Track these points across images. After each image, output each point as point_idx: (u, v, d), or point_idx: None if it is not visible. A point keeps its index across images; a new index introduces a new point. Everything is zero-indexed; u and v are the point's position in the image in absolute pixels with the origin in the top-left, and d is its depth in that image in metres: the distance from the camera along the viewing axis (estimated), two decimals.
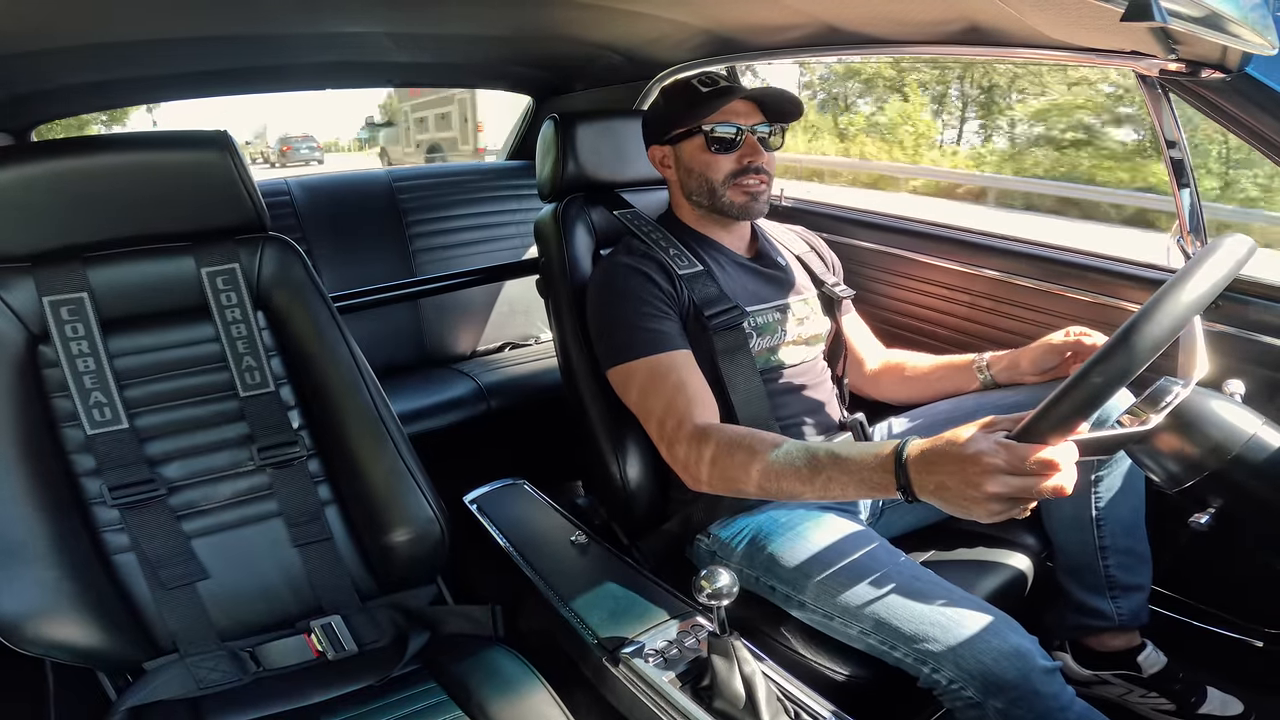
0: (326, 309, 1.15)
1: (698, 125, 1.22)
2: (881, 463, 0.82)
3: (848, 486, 0.87)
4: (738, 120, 1.22)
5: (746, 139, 1.22)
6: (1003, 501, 0.73)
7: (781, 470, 0.92)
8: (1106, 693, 1.29)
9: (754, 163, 1.22)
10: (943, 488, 0.76)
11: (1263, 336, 1.22)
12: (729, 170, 1.23)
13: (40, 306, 0.99)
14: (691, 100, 1.23)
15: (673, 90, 1.30)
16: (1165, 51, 0.99)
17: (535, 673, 0.97)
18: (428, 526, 1.11)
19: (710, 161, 1.23)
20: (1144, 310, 0.70)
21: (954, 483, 0.75)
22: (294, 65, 1.82)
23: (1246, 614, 1.35)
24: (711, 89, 1.23)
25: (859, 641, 1.01)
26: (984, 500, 0.73)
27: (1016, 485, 0.72)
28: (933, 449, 0.78)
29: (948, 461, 0.76)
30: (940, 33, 1.27)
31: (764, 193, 1.25)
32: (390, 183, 2.23)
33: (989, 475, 0.72)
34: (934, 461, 0.77)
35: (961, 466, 0.74)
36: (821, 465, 0.89)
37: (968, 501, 0.75)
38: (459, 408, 1.89)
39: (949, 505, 0.77)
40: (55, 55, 1.34)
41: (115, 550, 1.01)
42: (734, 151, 1.22)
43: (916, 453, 0.80)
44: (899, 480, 0.81)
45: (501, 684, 0.95)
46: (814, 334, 1.32)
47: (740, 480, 0.98)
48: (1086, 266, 1.45)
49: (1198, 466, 0.78)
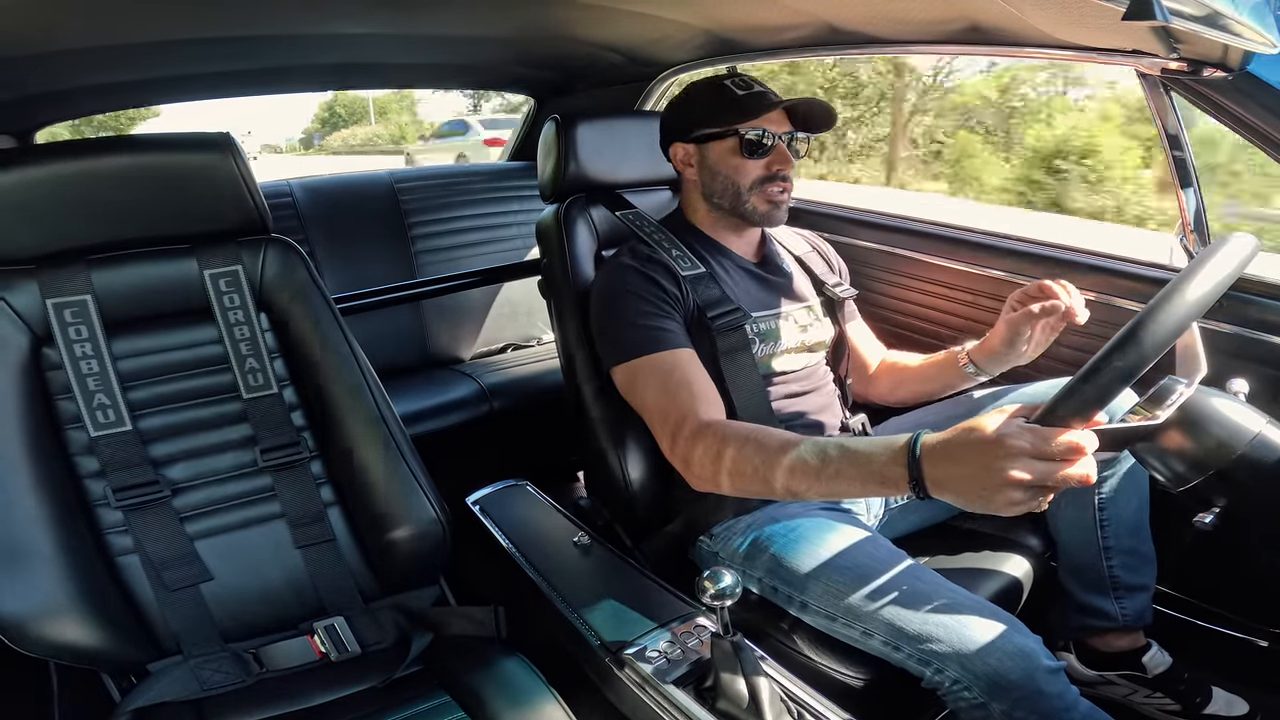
0: (329, 310, 1.15)
1: (733, 128, 1.20)
2: (894, 456, 0.78)
3: (855, 481, 0.83)
4: (771, 127, 1.20)
5: (778, 146, 1.21)
6: (1024, 489, 0.68)
7: (789, 465, 0.88)
8: (1111, 693, 1.29)
9: (783, 170, 1.21)
10: (959, 478, 0.72)
11: (1267, 335, 1.22)
12: (757, 176, 1.21)
13: (44, 309, 1.00)
14: (726, 102, 1.21)
15: (703, 89, 1.28)
16: (1167, 50, 0.99)
17: (538, 674, 0.97)
18: (430, 527, 1.11)
19: (740, 165, 1.21)
20: (1166, 292, 0.70)
21: (973, 470, 0.71)
22: (298, 67, 1.83)
23: (1252, 614, 1.34)
24: (748, 92, 1.21)
25: (862, 643, 1.01)
26: (1005, 487, 0.68)
27: (1041, 470, 0.67)
28: (951, 438, 0.74)
29: (967, 449, 0.72)
30: (941, 32, 1.27)
31: (786, 201, 1.24)
32: (392, 184, 2.23)
33: (1013, 459, 0.68)
34: (952, 451, 0.73)
35: (983, 451, 0.70)
36: (830, 459, 0.85)
37: (988, 490, 0.70)
38: (461, 409, 1.89)
39: (965, 497, 0.72)
40: (59, 57, 1.34)
41: (119, 552, 1.01)
42: (764, 157, 1.21)
43: (932, 444, 0.75)
44: (911, 473, 0.76)
45: (504, 685, 0.95)
46: (817, 340, 1.31)
47: (745, 476, 0.94)
48: (1090, 265, 1.45)
49: (1202, 465, 0.78)
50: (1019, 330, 1.14)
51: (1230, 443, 0.76)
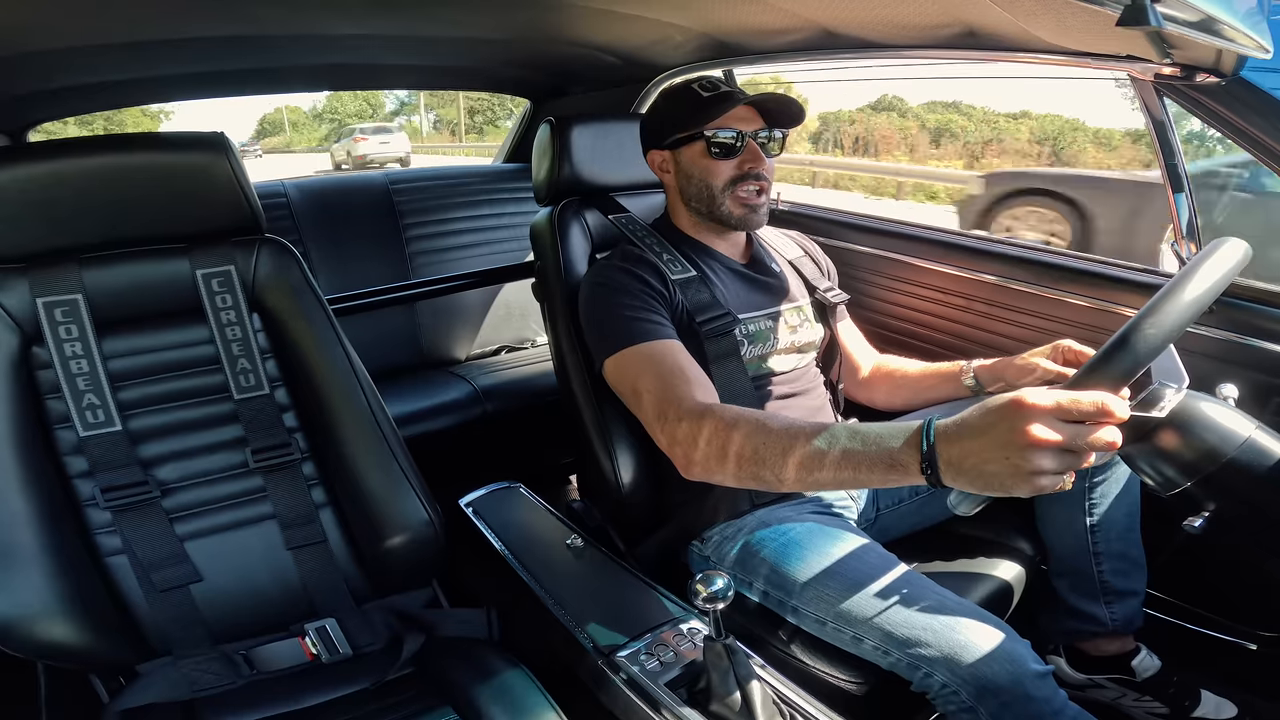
0: (322, 311, 1.14)
1: (699, 130, 1.21)
2: (907, 439, 0.73)
3: (864, 466, 0.76)
4: (739, 126, 1.20)
5: (748, 145, 1.21)
6: (1051, 455, 0.63)
7: (797, 448, 0.82)
8: (1100, 696, 1.29)
9: (754, 169, 1.21)
10: (978, 452, 0.66)
11: (1256, 340, 1.23)
12: (729, 176, 1.22)
13: (34, 308, 0.99)
14: (693, 105, 1.22)
15: (673, 94, 1.29)
16: (1160, 56, 0.99)
17: (531, 677, 0.97)
18: (423, 529, 1.10)
19: (710, 167, 1.22)
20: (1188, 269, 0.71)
21: (995, 439, 0.65)
22: (291, 68, 1.82)
23: (1240, 617, 1.35)
24: (713, 94, 1.21)
25: (853, 646, 1.01)
26: (1031, 452, 0.63)
27: (1070, 432, 0.63)
28: (968, 413, 0.69)
29: (988, 415, 0.66)
30: (936, 37, 1.28)
31: (762, 204, 1.24)
32: (387, 185, 2.23)
33: (1040, 416, 0.63)
34: (969, 424, 0.68)
35: (1005, 415, 0.65)
36: (838, 439, 0.79)
37: (1011, 459, 0.64)
38: (454, 411, 1.89)
39: (984, 475, 0.66)
40: (53, 56, 1.33)
41: (108, 552, 1.01)
42: (735, 157, 1.21)
43: (946, 424, 0.70)
44: (924, 458, 0.70)
45: (497, 688, 0.95)
46: (807, 341, 1.31)
47: (748, 459, 0.87)
48: (1082, 271, 1.45)
49: (1192, 469, 0.78)
50: (1037, 374, 1.16)
51: (1220, 447, 0.77)
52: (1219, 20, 0.77)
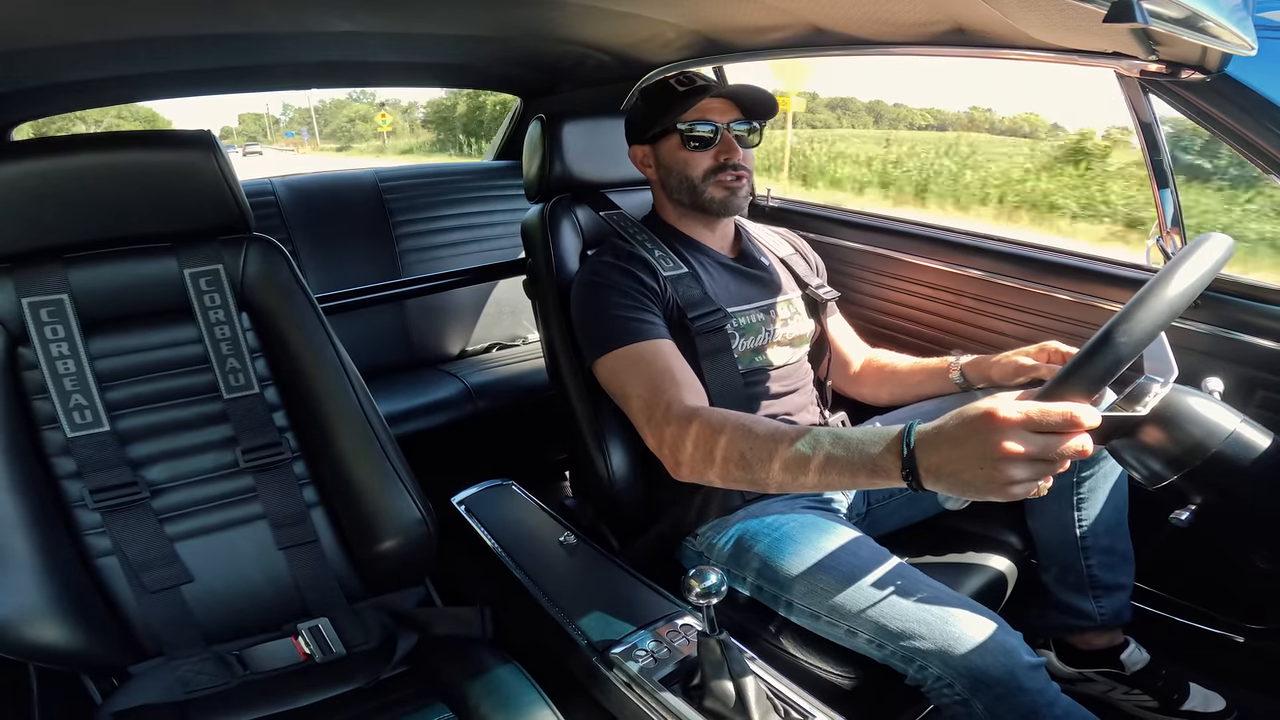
0: (311, 310, 1.14)
1: (674, 124, 1.24)
2: (888, 445, 0.75)
3: (847, 470, 0.78)
4: (714, 118, 1.23)
5: (723, 136, 1.23)
6: (1023, 465, 0.65)
7: (782, 452, 0.84)
8: (1090, 690, 1.31)
9: (730, 159, 1.24)
10: (955, 460, 0.69)
11: (1241, 334, 1.24)
12: (707, 167, 1.24)
13: (19, 308, 0.98)
14: (669, 99, 1.25)
15: (651, 90, 1.31)
16: (1146, 53, 1.00)
17: (525, 674, 0.97)
18: (415, 528, 1.10)
19: (688, 159, 1.24)
20: (1165, 271, 0.71)
21: (969, 449, 0.67)
22: (280, 65, 1.81)
23: (1228, 610, 1.36)
24: (687, 88, 1.25)
25: (846, 640, 1.01)
26: (1004, 463, 0.65)
27: (1039, 444, 0.65)
28: (944, 421, 0.71)
29: (962, 427, 0.69)
30: (925, 34, 1.28)
31: (742, 188, 1.26)
32: (377, 182, 2.22)
33: (1010, 430, 0.65)
34: (946, 433, 0.70)
35: (978, 428, 0.67)
36: (821, 444, 0.81)
37: (985, 469, 0.66)
38: (446, 409, 1.88)
39: (961, 481, 0.69)
40: (37, 54, 1.32)
41: (98, 553, 1.00)
42: (711, 149, 1.24)
43: (926, 431, 0.73)
44: (905, 463, 0.73)
45: (491, 686, 0.95)
46: (798, 335, 1.32)
47: (734, 463, 0.89)
48: (1068, 267, 1.47)
49: (1178, 463, 0.79)
50: (1024, 374, 1.18)
51: (1206, 440, 0.77)
52: (1204, 17, 0.78)
